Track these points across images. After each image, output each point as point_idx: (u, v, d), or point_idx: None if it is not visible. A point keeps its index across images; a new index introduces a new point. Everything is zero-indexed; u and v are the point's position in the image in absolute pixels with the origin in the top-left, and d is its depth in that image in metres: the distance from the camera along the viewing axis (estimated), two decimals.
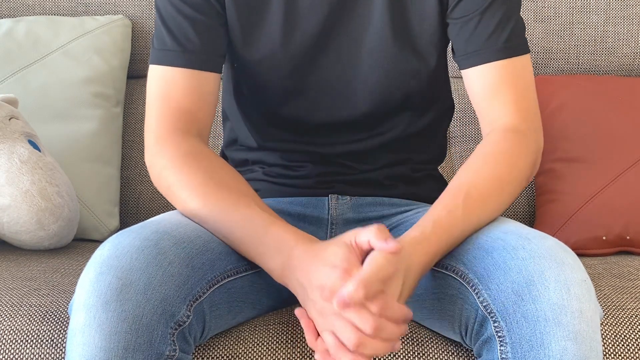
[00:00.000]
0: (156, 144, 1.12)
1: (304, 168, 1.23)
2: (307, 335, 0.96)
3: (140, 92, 1.81)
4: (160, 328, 0.92)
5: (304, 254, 0.97)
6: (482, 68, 1.14)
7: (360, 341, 0.90)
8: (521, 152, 1.10)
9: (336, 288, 0.91)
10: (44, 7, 1.83)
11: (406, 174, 1.24)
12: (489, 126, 1.15)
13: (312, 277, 0.94)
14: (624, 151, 1.59)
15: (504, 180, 1.07)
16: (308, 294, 0.95)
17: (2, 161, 1.44)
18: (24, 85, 1.68)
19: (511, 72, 1.14)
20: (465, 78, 1.17)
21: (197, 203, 1.05)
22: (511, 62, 1.14)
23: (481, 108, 1.16)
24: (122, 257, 0.94)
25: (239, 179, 1.10)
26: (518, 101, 1.13)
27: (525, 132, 1.12)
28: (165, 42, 1.15)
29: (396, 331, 0.91)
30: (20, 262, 1.39)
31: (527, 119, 1.13)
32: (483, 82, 1.14)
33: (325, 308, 0.92)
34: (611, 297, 1.20)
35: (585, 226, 1.57)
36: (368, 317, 0.89)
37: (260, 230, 1.01)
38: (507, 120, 1.13)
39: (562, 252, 0.97)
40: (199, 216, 1.05)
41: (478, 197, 1.04)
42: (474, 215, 1.03)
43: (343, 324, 0.91)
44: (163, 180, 1.10)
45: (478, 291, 0.97)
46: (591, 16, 1.78)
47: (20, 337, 1.10)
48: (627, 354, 1.10)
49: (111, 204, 1.68)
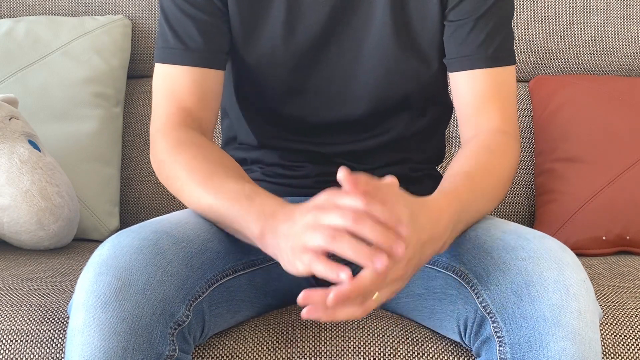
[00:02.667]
0: (155, 139, 1.14)
1: (302, 168, 1.23)
2: None
3: (140, 92, 1.81)
4: (159, 328, 0.92)
5: (284, 215, 0.93)
6: (471, 73, 1.16)
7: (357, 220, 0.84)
8: (508, 147, 1.12)
9: (324, 203, 0.87)
10: (44, 7, 1.83)
11: (404, 173, 1.25)
12: (474, 129, 1.16)
13: (290, 229, 0.89)
14: (624, 151, 1.59)
15: (497, 164, 1.09)
16: (284, 244, 0.90)
17: (2, 161, 1.44)
18: (24, 85, 1.68)
19: (498, 81, 1.16)
20: (452, 80, 1.19)
21: (192, 185, 1.05)
22: (499, 71, 1.16)
23: (466, 113, 1.17)
24: (121, 257, 0.94)
25: (232, 160, 1.11)
26: (504, 109, 1.16)
27: (509, 135, 1.14)
28: (168, 40, 1.16)
29: None
30: (20, 262, 1.39)
31: (511, 126, 1.16)
32: (471, 87, 1.16)
33: (307, 227, 0.87)
34: (611, 297, 1.20)
35: (585, 226, 1.57)
36: None
37: (245, 200, 0.99)
38: (494, 125, 1.15)
39: (562, 253, 0.97)
40: (194, 197, 1.05)
41: (477, 173, 1.05)
42: (478, 189, 1.03)
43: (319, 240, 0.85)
44: (161, 165, 1.11)
45: (477, 291, 0.97)
46: (591, 16, 1.78)
47: (20, 337, 1.11)
48: (627, 354, 1.10)
49: (111, 204, 1.68)
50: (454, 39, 1.17)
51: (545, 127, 1.68)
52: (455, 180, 1.03)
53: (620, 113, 1.63)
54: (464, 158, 1.10)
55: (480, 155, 1.09)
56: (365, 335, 1.10)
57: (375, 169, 1.23)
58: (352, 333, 1.10)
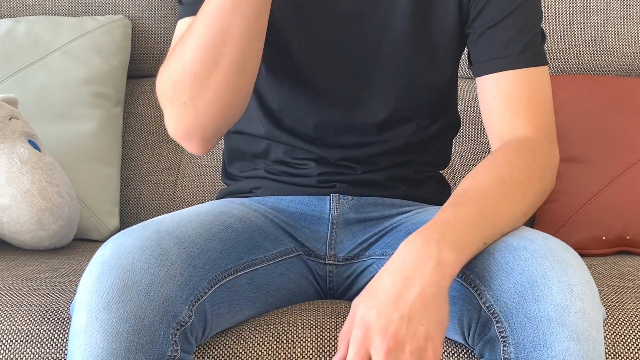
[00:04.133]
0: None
1: (306, 167, 1.23)
2: None
3: (140, 92, 1.81)
4: (162, 329, 0.92)
5: None
6: (497, 76, 1.12)
7: None
8: (524, 155, 1.07)
9: None
10: (44, 7, 1.83)
11: (408, 175, 1.24)
12: (498, 141, 1.11)
13: None
14: (624, 151, 1.59)
15: (505, 177, 1.03)
16: None
17: (2, 161, 1.44)
18: (24, 85, 1.68)
19: (526, 83, 1.11)
20: (479, 89, 1.15)
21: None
22: (527, 72, 1.11)
23: (491, 121, 1.13)
24: (124, 258, 0.94)
25: None
26: (531, 112, 1.10)
27: (535, 141, 1.09)
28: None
29: None
30: (20, 262, 1.39)
31: (538, 130, 1.10)
32: (496, 92, 1.12)
33: None
34: (611, 297, 1.20)
35: (585, 226, 1.57)
36: None
37: None
38: (515, 133, 1.10)
39: (565, 253, 0.97)
40: None
41: (478, 195, 0.99)
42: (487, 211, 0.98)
43: None
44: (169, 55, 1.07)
45: (480, 292, 0.96)
46: (591, 16, 1.78)
47: (20, 337, 1.10)
48: (627, 354, 1.11)
49: (111, 204, 1.68)
50: (479, 43, 1.14)
51: None
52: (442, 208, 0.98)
53: (620, 113, 1.63)
54: (465, 180, 1.04)
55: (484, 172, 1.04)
56: None
57: (378, 170, 1.23)
58: None
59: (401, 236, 1.14)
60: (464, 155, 1.75)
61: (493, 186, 1.01)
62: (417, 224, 1.14)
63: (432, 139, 1.25)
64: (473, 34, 1.15)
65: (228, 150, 1.31)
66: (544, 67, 1.13)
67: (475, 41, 1.15)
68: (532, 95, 1.11)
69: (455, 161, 1.75)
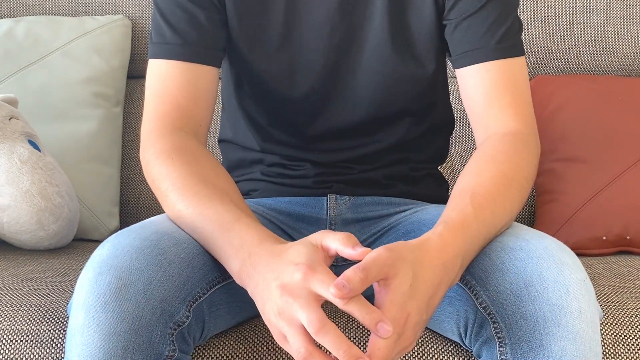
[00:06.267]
0: (147, 139, 1.11)
1: (302, 168, 1.23)
2: None
3: (140, 92, 1.81)
4: (159, 328, 0.92)
5: (265, 252, 0.91)
6: (476, 68, 1.13)
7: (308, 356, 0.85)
8: (522, 151, 1.07)
9: (298, 286, 0.85)
10: (44, 7, 1.83)
11: (405, 173, 1.24)
12: (485, 132, 1.12)
13: (272, 275, 0.88)
14: (624, 151, 1.59)
15: (508, 176, 1.03)
16: (266, 295, 0.88)
17: (2, 161, 1.44)
18: (24, 85, 1.68)
19: (506, 75, 1.12)
20: (459, 80, 1.16)
21: (174, 196, 1.02)
22: (506, 64, 1.12)
23: (476, 114, 1.13)
24: (122, 257, 0.94)
25: (222, 175, 1.07)
26: (515, 105, 1.11)
27: (525, 135, 1.10)
28: (163, 35, 1.14)
29: None
30: (20, 262, 1.39)
31: (525, 123, 1.11)
32: (477, 84, 1.12)
33: (284, 309, 0.86)
34: (611, 297, 1.20)
35: (585, 226, 1.57)
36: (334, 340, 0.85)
37: (226, 226, 0.97)
38: (505, 125, 1.10)
39: (561, 252, 0.96)
40: (176, 210, 1.02)
41: (486, 195, 0.99)
42: (487, 213, 0.98)
43: (295, 332, 0.86)
44: (149, 174, 1.08)
45: (476, 292, 0.96)
46: (591, 16, 1.78)
47: (20, 337, 1.10)
48: (627, 354, 1.10)
49: (111, 204, 1.68)
50: (456, 35, 1.14)
51: (545, 127, 1.68)
52: (461, 207, 0.97)
53: (620, 113, 1.63)
54: (470, 175, 1.04)
55: (489, 169, 1.04)
56: (365, 336, 1.10)
57: (375, 169, 1.23)
58: (352, 334, 1.10)
59: (399, 236, 1.14)
60: (464, 155, 1.75)
61: (499, 186, 1.02)
62: (415, 223, 1.14)
63: (425, 135, 1.25)
64: (449, 25, 1.15)
65: (224, 156, 1.32)
66: (522, 57, 1.14)
67: (452, 32, 1.15)
68: (515, 87, 1.12)
69: (455, 161, 1.75)
